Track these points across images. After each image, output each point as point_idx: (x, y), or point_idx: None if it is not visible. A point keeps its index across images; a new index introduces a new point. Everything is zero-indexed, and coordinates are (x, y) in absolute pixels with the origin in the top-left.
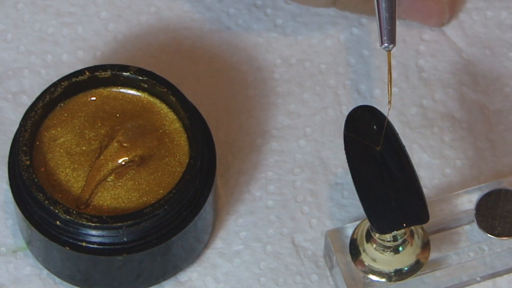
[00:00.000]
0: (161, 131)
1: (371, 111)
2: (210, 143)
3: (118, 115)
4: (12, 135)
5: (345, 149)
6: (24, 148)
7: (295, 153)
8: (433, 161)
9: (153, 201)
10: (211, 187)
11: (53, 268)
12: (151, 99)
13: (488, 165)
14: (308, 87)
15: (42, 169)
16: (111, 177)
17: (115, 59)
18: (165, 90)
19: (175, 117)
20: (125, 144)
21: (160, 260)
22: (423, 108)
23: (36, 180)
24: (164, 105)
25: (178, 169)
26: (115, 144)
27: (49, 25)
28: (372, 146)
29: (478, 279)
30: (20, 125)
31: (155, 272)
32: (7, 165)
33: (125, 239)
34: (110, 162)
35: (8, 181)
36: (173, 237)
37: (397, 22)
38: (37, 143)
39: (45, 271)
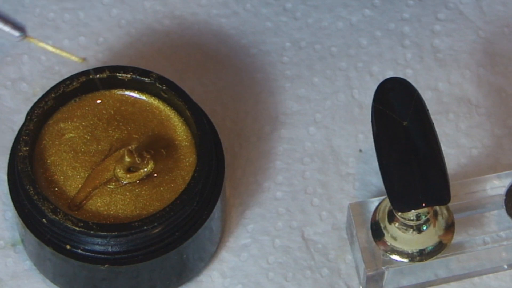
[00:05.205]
0: (173, 144)
1: (402, 83)
2: (220, 164)
3: (133, 124)
4: (11, 124)
5: (372, 121)
6: (26, 137)
7: (304, 141)
8: (448, 151)
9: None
10: (211, 210)
11: (42, 268)
12: (168, 111)
13: (505, 154)
14: (318, 70)
15: (41, 163)
16: (112, 184)
17: (118, 45)
18: (182, 103)
19: (189, 132)
20: (134, 155)
21: (147, 278)
22: (438, 91)
23: (30, 172)
24: (179, 118)
25: (182, 186)
26: (124, 152)
27: (50, 10)
28: (399, 120)
29: (505, 266)
30: (27, 114)
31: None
32: (8, 155)
33: (110, 250)
34: (113, 169)
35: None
36: (161, 255)
37: (411, 2)
38: (42, 135)
39: None
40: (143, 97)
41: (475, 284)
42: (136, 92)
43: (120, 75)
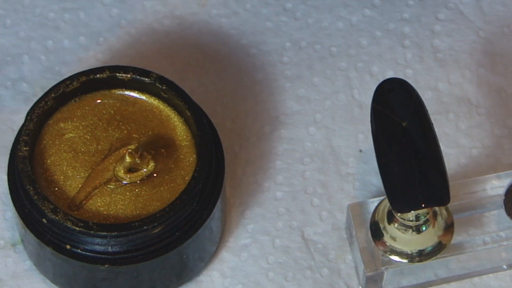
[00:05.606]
0: (173, 144)
1: (401, 84)
2: (220, 164)
3: (133, 124)
4: (11, 124)
5: (371, 122)
6: (26, 137)
7: (304, 141)
8: (448, 151)
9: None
10: (211, 210)
11: (42, 268)
12: (168, 111)
13: (505, 154)
14: (318, 70)
15: (41, 163)
16: (112, 184)
17: (118, 45)
18: (182, 103)
19: (189, 132)
20: (135, 155)
21: (147, 278)
22: (438, 91)
23: (30, 172)
24: (179, 118)
25: (182, 186)
26: (125, 151)
27: (50, 10)
28: (399, 121)
29: (505, 267)
30: (27, 114)
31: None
32: (8, 155)
33: (110, 250)
34: (113, 169)
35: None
36: (161, 255)
37: (411, 2)
38: (42, 135)
39: None
40: (143, 97)
41: (475, 284)
42: (136, 92)
43: (120, 75)
